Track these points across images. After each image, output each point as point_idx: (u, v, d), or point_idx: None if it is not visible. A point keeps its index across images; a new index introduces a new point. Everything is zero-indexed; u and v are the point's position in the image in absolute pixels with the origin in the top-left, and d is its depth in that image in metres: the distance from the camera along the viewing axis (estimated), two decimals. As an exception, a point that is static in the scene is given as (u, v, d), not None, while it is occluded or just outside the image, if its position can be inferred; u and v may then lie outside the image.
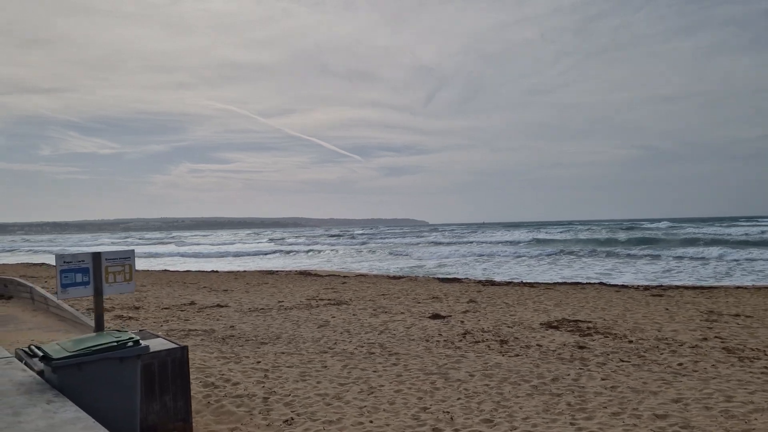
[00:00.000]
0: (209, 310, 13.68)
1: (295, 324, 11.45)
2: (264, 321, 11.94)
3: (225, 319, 12.25)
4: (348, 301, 14.90)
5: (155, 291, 18.63)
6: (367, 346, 9.03)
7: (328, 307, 13.83)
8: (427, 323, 11.10)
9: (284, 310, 13.47)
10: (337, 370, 7.51)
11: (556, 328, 10.36)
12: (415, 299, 15.08)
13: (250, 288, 19.27)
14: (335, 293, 17.04)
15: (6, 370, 4.96)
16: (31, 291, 13.31)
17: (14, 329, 10.62)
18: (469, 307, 13.40)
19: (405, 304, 14.07)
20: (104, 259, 5.68)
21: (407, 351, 8.65)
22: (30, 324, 11.12)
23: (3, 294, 14.69)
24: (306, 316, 12.55)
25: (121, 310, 13.74)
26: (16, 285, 14.25)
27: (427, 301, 14.69)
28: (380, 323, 11.23)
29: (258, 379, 7.04)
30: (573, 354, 8.23)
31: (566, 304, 13.70)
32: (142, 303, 15.26)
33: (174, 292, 18.07)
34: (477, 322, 11.23)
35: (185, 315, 12.93)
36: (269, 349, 9.07)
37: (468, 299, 14.79)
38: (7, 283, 14.70)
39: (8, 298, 14.26)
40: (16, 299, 14.07)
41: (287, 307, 14.08)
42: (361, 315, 12.45)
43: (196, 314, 13.07)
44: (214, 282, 21.95)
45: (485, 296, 15.46)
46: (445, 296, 15.54)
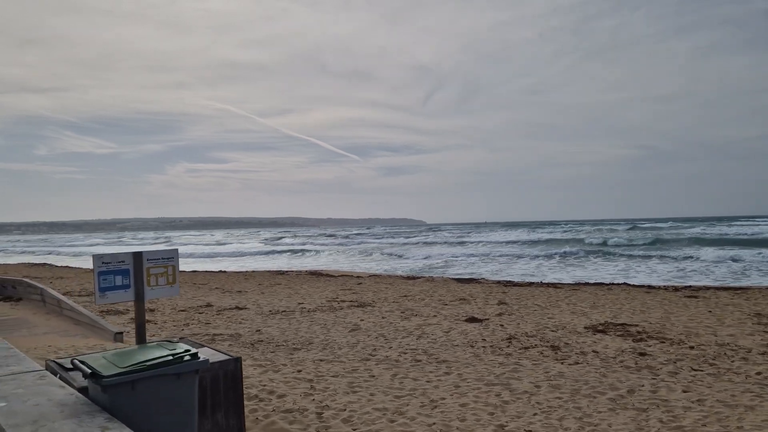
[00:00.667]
0: (228, 313, 13.07)
1: (324, 328, 10.85)
2: (290, 324, 11.34)
3: (248, 323, 11.64)
4: (371, 303, 14.30)
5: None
6: (410, 353, 8.44)
7: (352, 310, 13.23)
8: (465, 327, 10.50)
9: (307, 313, 12.86)
10: (386, 380, 6.91)
11: (603, 333, 9.78)
12: (440, 301, 14.49)
13: (264, 289, 18.66)
14: (354, 294, 16.43)
15: (41, 386, 4.31)
16: (41, 293, 12.67)
17: (28, 334, 9.99)
18: (501, 309, 12.81)
19: (432, 306, 13.47)
20: (146, 260, 5.08)
21: (455, 358, 8.06)
22: (44, 328, 10.49)
23: (11, 296, 14.04)
24: (332, 319, 11.94)
25: (136, 313, 13.12)
26: (25, 286, 13.61)
27: (454, 303, 14.09)
28: (415, 327, 10.63)
29: (304, 390, 6.43)
30: (637, 362, 7.65)
31: (601, 306, 13.12)
32: (156, 305, 14.63)
33: (186, 294, 17.44)
34: (517, 325, 10.64)
35: (205, 318, 12.31)
36: (304, 355, 8.47)
37: (497, 301, 14.20)
38: (16, 285, 14.04)
39: (17, 300, 13.62)
40: (25, 301, 13.43)
41: (309, 309, 13.47)
42: (390, 318, 11.85)
43: (215, 317, 12.46)
44: (224, 283, 21.33)
45: (512, 298, 14.87)
46: (471, 297, 14.94)
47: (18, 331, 10.18)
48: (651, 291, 16.20)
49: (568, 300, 14.22)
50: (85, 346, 8.84)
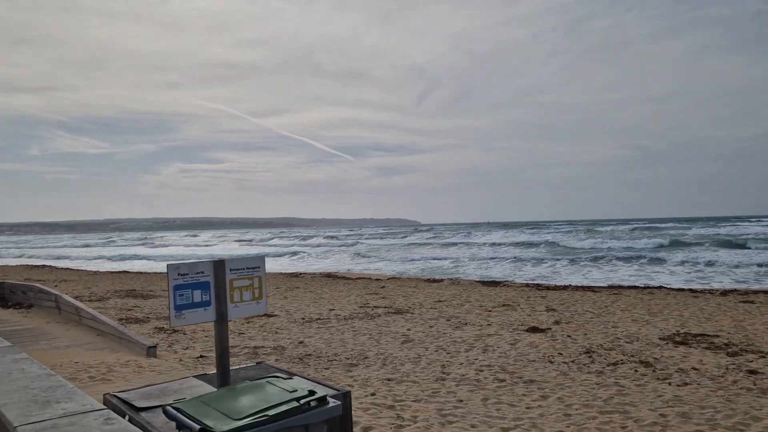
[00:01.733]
0: (258, 321, 12.11)
1: (372, 338, 9.91)
2: (332, 335, 10.39)
3: (285, 332, 10.69)
4: (408, 309, 13.37)
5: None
6: (487, 370, 7.51)
7: (390, 317, 12.29)
8: (530, 338, 9.58)
9: (344, 321, 11.92)
10: (478, 405, 5.99)
11: (686, 345, 8.88)
12: (482, 307, 13.57)
13: (285, 293, 17.69)
14: (384, 299, 15.50)
15: None
16: (56, 299, 11.67)
17: (48, 347, 9.00)
18: (553, 316, 11.90)
19: (476, 313, 12.56)
20: (229, 270, 4.13)
21: (541, 377, 7.14)
22: (65, 340, 9.50)
23: (21, 303, 13.02)
24: (375, 328, 11.00)
25: (158, 321, 12.15)
26: (36, 292, 12.59)
27: (499, 309, 13.17)
28: (473, 338, 9.70)
29: (391, 421, 5.50)
30: (755, 382, 6.75)
31: (658, 312, 12.23)
32: (176, 311, 13.65)
33: (204, 298, 16.45)
34: (585, 336, 9.73)
35: (236, 327, 11.34)
36: (366, 373, 7.53)
37: (544, 307, 13.29)
38: (26, 290, 13.02)
39: (28, 308, 12.60)
40: (38, 309, 12.42)
41: (344, 316, 12.52)
42: (439, 327, 10.92)
43: (247, 326, 11.50)
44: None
45: (556, 303, 13.97)
46: (514, 303, 14.02)
47: (36, 344, 9.19)
48: (698, 295, 15.34)
49: (617, 305, 13.34)
50: (117, 363, 7.88)
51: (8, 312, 12.38)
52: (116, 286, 20.93)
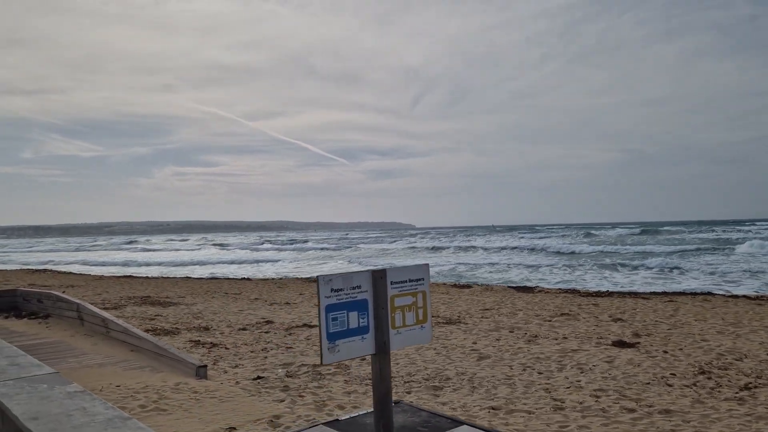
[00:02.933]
0: (301, 333, 11.00)
1: (439, 354, 8.82)
2: (391, 349, 9.29)
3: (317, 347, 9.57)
4: (458, 319, 12.30)
5: (200, 304, 15.87)
6: (604, 396, 6.43)
7: (444, 327, 11.21)
8: (624, 354, 8.50)
9: (395, 332, 10.82)
10: (628, 445, 4.91)
11: (805, 362, 7.84)
12: (537, 316, 12.51)
13: (312, 299, 16.57)
14: (424, 307, 14.42)
15: None
16: (78, 309, 10.52)
17: (78, 365, 7.87)
18: (627, 327, 10.85)
19: (536, 323, 11.50)
20: (390, 283, 3.04)
21: (674, 405, 6.06)
22: (95, 357, 8.36)
23: (37, 312, 11.84)
24: (434, 340, 9.91)
25: (189, 332, 11.01)
26: (54, 300, 11.41)
27: (559, 318, 12.11)
28: (556, 354, 8.62)
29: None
30: None
31: (738, 322, 11.21)
32: (203, 320, 12.52)
33: (228, 306, 15.32)
34: (681, 351, 8.66)
35: (280, 340, 10.23)
36: (459, 398, 6.45)
37: (608, 316, 12.24)
38: (43, 298, 11.84)
39: (45, 317, 11.43)
40: (56, 319, 11.25)
41: (393, 327, 11.43)
42: (508, 340, 9.84)
43: (291, 339, 10.38)
44: (260, 292, 19.20)
45: (616, 312, 12.92)
46: (572, 312, 12.96)
47: (64, 361, 8.05)
48: (762, 303, 14.33)
49: (683, 314, 12.30)
50: (166, 386, 6.75)
51: (23, 323, 11.21)
52: (127, 292, 19.74)
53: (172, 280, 25.46)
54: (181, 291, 19.85)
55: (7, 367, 3.70)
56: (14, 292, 12.66)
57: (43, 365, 3.77)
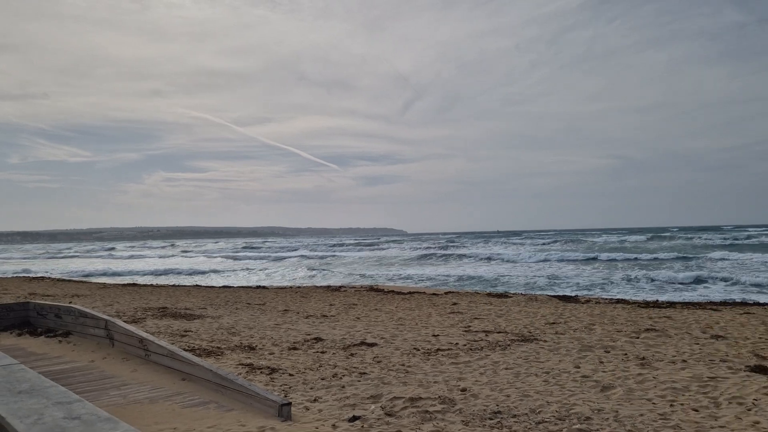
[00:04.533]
0: (361, 351, 9.57)
1: (547, 383, 7.42)
2: (481, 374, 7.89)
3: (416, 371, 8.15)
4: (531, 336, 10.92)
5: (227, 317, 14.40)
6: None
7: (526, 346, 9.82)
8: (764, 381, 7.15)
9: (471, 352, 9.42)
10: None
11: None
12: (620, 331, 11.15)
13: (350, 311, 15.13)
14: (480, 320, 13.05)
15: None
16: (107, 326, 9.03)
17: (123, 399, 6.38)
18: (740, 346, 9.51)
19: (626, 341, 10.14)
20: None
21: None
22: (140, 388, 6.88)
23: (54, 329, 10.30)
24: (525, 364, 8.52)
25: (234, 353, 9.54)
26: (76, 316, 9.90)
27: (647, 335, 10.75)
28: (693, 383, 7.23)
29: None
30: None
31: None
32: (240, 336, 11.06)
33: (260, 319, 13.86)
34: (838, 379, 7.33)
35: (345, 362, 8.78)
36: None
37: (702, 332, 10.90)
38: (61, 313, 10.32)
39: (65, 335, 9.90)
40: (78, 337, 9.73)
41: (463, 345, 10.03)
42: (613, 362, 8.45)
43: (355, 360, 8.94)
44: (287, 303, 17.73)
45: (705, 326, 11.60)
46: (657, 327, 11.59)
47: (105, 394, 6.58)
48: None
49: (782, 330, 11.00)
50: (248, 433, 5.31)
51: (41, 342, 9.69)
52: (139, 302, 18.20)
53: (183, 289, 23.89)
54: (198, 301, 18.33)
55: (66, 426, 2.10)
56: (26, 305, 11.12)
57: (116, 421, 2.24)
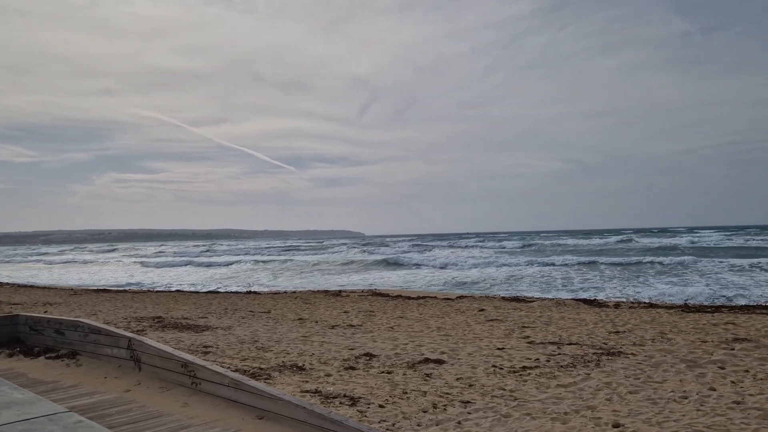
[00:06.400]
0: (433, 371, 8.11)
1: (698, 409, 6.13)
2: (607, 400, 6.54)
3: (527, 399, 6.74)
4: (616, 349, 9.66)
5: (239, 328, 12.70)
6: None
7: (618, 361, 8.55)
8: None
9: (562, 370, 8.08)
10: None
11: None
12: (705, 342, 10.00)
13: (368, 320, 13.61)
14: (533, 330, 11.75)
15: None
16: (131, 345, 7.28)
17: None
18: None
19: (724, 354, 8.98)
20: None
21: None
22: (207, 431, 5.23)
23: (54, 348, 8.41)
24: (639, 384, 7.23)
25: (282, 375, 7.93)
26: (85, 332, 8.06)
27: (742, 346, 9.62)
28: None
29: None
30: None
31: None
32: (272, 352, 9.44)
33: (277, 330, 12.21)
34: None
35: (428, 386, 7.29)
36: None
37: (796, 342, 9.84)
38: (63, 328, 8.43)
39: (70, 356, 8.04)
40: (89, 358, 7.89)
41: (542, 361, 8.68)
42: (748, 382, 7.24)
43: (441, 383, 7.47)
44: (283, 309, 16.05)
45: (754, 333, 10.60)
46: (753, 337, 10.50)
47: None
48: None
49: None
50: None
51: (41, 365, 7.83)
52: (126, 311, 16.22)
53: (167, 295, 21.81)
54: (192, 309, 16.47)
55: None
56: (15, 318, 9.16)
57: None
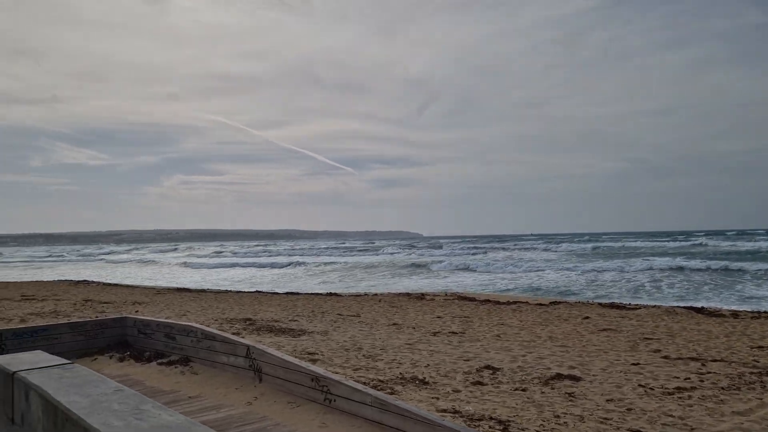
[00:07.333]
0: (568, 387, 7.24)
1: None
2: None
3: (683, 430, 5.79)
4: (765, 366, 8.50)
5: (335, 332, 12.16)
6: None
7: (784, 383, 7.41)
8: None
9: (724, 392, 7.04)
10: None
11: None
12: None
13: (467, 324, 12.79)
14: (659, 342, 10.65)
15: None
16: (249, 353, 6.76)
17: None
18: None
19: None
20: None
21: None
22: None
23: (164, 353, 8.03)
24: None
25: (406, 389, 7.24)
26: (198, 337, 7.63)
27: None
28: None
29: None
30: None
31: None
32: (388, 363, 8.77)
33: (376, 335, 11.57)
34: None
35: (578, 408, 6.44)
36: None
37: None
38: (175, 332, 8.05)
39: (183, 362, 7.62)
40: (202, 365, 7.45)
41: (694, 381, 7.64)
42: None
43: (590, 405, 6.59)
44: (375, 313, 15.43)
45: None
46: None
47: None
48: None
49: None
50: None
51: (154, 371, 7.45)
52: (214, 312, 16.02)
53: (248, 296, 21.66)
54: (279, 311, 16.10)
55: None
56: (123, 320, 8.87)
57: None
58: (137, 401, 4.55)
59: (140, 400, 4.55)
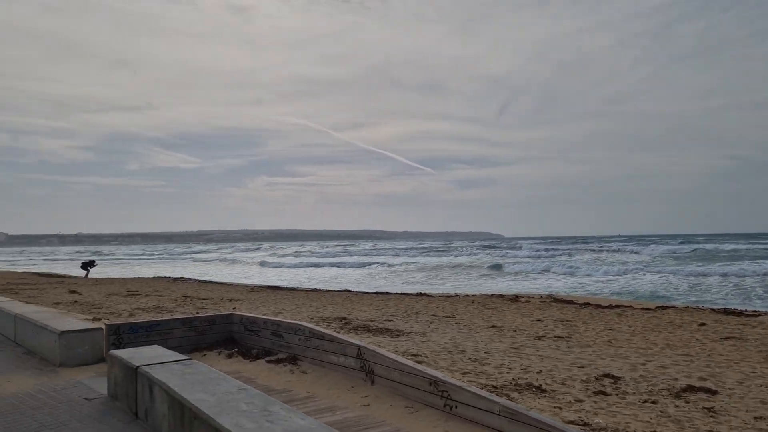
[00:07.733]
0: (704, 402, 6.54)
1: None
2: None
3: None
4: None
5: (433, 333, 11.81)
6: None
7: None
8: None
9: None
10: None
11: None
12: None
13: (571, 328, 12.09)
14: (793, 353, 9.57)
15: None
16: (360, 353, 6.56)
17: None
18: None
19: None
20: None
21: None
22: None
23: (271, 350, 8.01)
24: None
25: (523, 396, 6.79)
26: (306, 336, 7.55)
27: None
28: None
29: None
30: None
31: None
32: (496, 368, 8.33)
33: (480, 338, 11.14)
34: None
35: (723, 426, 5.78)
36: None
37: None
38: (282, 330, 8.02)
39: (291, 360, 7.54)
40: (310, 365, 7.34)
41: None
42: None
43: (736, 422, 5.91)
44: (471, 315, 14.95)
45: None
46: None
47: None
48: None
49: None
50: None
51: (263, 368, 7.41)
52: (308, 310, 16.10)
53: (339, 295, 21.76)
54: (372, 311, 15.97)
55: None
56: (229, 317, 8.99)
57: None
58: (264, 402, 4.36)
59: (267, 401, 4.36)
